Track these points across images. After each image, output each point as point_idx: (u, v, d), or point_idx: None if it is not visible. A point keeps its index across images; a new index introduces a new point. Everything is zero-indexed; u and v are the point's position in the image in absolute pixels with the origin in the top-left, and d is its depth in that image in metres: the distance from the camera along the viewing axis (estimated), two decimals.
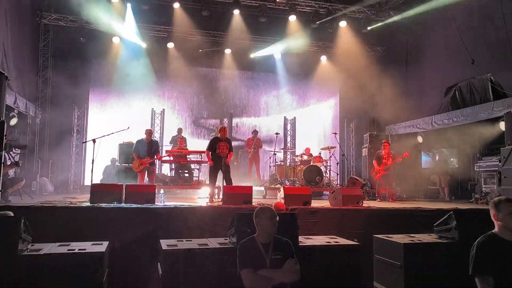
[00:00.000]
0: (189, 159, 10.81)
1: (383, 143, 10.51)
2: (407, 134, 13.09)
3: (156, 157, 9.34)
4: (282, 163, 12.35)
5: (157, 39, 13.97)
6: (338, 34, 14.29)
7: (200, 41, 14.05)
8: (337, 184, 11.89)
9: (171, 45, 13.99)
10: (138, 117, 13.38)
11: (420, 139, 12.65)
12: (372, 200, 10.09)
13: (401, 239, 4.62)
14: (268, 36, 14.48)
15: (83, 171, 13.03)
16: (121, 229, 5.69)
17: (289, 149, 14.24)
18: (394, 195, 10.26)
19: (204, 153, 9.23)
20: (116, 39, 13.44)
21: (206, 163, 9.56)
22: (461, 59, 10.57)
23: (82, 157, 13.10)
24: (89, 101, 13.74)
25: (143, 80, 13.65)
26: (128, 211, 6.09)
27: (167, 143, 12.93)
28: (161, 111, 14.04)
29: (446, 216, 4.68)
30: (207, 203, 7.67)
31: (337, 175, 12.41)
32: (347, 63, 14.57)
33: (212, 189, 8.37)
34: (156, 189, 7.03)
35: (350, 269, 4.42)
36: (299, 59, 14.82)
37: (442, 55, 11.95)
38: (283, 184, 10.70)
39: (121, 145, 11.10)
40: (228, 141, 8.60)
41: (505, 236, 3.22)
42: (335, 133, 12.58)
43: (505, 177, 8.29)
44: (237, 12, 13.42)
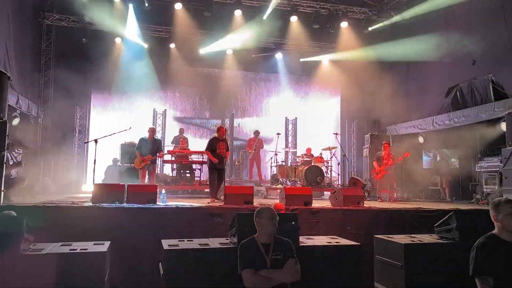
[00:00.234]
0: (190, 160, 10.83)
1: (383, 144, 10.51)
2: (408, 134, 13.09)
3: (158, 155, 9.36)
4: (283, 163, 12.37)
5: (159, 39, 14.01)
6: (339, 34, 14.31)
7: (201, 41, 14.07)
8: (338, 184, 11.89)
9: (172, 46, 14.03)
10: (140, 118, 13.41)
11: (421, 139, 12.65)
12: (373, 200, 10.09)
13: (401, 239, 4.62)
14: (269, 36, 14.51)
15: (85, 171, 13.08)
16: (122, 229, 5.71)
17: (290, 149, 14.25)
18: (395, 196, 10.26)
19: (204, 153, 9.26)
20: (118, 40, 13.51)
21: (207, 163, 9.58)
22: (462, 59, 10.56)
23: (84, 157, 13.15)
24: (91, 101, 13.81)
25: (145, 80, 13.68)
26: (129, 211, 6.12)
27: (169, 143, 12.96)
28: (163, 111, 14.06)
29: (446, 216, 4.68)
30: (208, 203, 7.69)
31: (338, 175, 12.41)
32: (348, 63, 14.59)
33: (212, 189, 8.40)
34: (157, 189, 7.05)
35: (350, 269, 4.42)
36: (301, 60, 14.85)
37: (443, 56, 11.91)
38: (284, 184, 10.72)
39: (123, 145, 11.14)
40: (225, 141, 8.74)
41: (505, 237, 3.22)
42: (336, 133, 12.57)
43: (506, 177, 8.29)
44: (238, 12, 13.45)
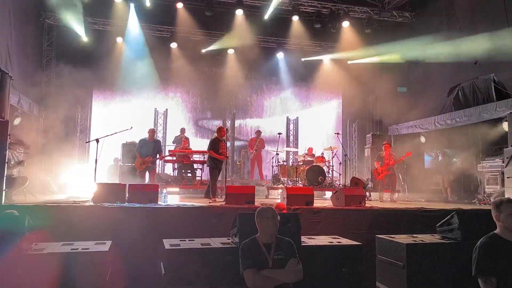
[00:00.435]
0: (192, 159, 10.83)
1: (383, 144, 10.51)
2: (410, 134, 13.06)
3: (158, 157, 9.37)
4: (284, 163, 12.35)
5: (160, 39, 14.00)
6: (341, 34, 14.29)
7: (203, 41, 14.07)
8: (339, 184, 11.87)
9: (174, 45, 14.02)
10: (141, 117, 13.42)
11: (423, 139, 12.62)
12: (374, 200, 10.08)
13: (403, 239, 4.61)
14: (271, 36, 14.50)
15: (86, 171, 13.06)
16: (124, 229, 5.71)
17: (291, 149, 14.23)
18: (396, 196, 10.25)
19: (206, 153, 9.28)
20: (119, 39, 13.50)
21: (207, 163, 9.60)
22: (464, 59, 10.53)
23: (85, 157, 13.14)
24: (93, 101, 13.81)
25: (146, 80, 13.70)
26: (131, 210, 6.12)
27: (170, 143, 12.96)
28: (164, 111, 14.06)
29: (449, 216, 4.67)
30: (210, 202, 7.69)
31: (340, 175, 12.40)
32: (349, 63, 14.56)
33: (214, 189, 8.41)
34: (159, 189, 7.05)
35: (352, 269, 4.41)
36: (302, 59, 14.84)
37: (445, 55, 11.89)
38: (285, 184, 10.71)
39: (124, 145, 11.14)
40: (225, 141, 8.86)
41: (507, 236, 3.21)
42: (338, 133, 12.55)
43: (508, 177, 8.28)
44: (240, 12, 13.44)
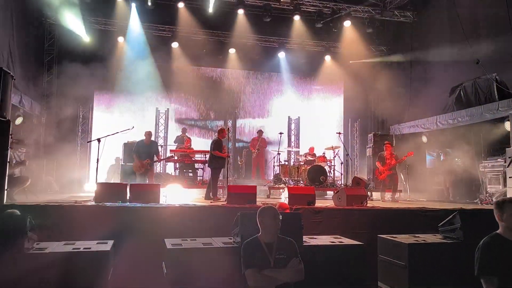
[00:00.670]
0: (193, 159, 10.83)
1: (385, 144, 10.50)
2: (411, 134, 13.04)
3: (156, 159, 9.39)
4: (286, 163, 12.35)
5: (162, 39, 14.00)
6: (342, 33, 14.28)
7: (204, 41, 14.07)
8: (341, 184, 11.86)
9: (175, 45, 14.02)
10: (142, 117, 13.43)
11: (424, 139, 12.59)
12: (376, 200, 10.07)
13: (405, 239, 4.61)
14: (272, 35, 14.49)
15: (88, 170, 13.09)
16: (125, 228, 5.70)
17: (293, 149, 14.23)
18: (398, 195, 10.23)
19: (207, 152, 9.30)
20: (120, 39, 13.50)
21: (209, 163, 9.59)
22: (466, 58, 10.51)
23: (87, 156, 13.16)
24: (94, 100, 13.83)
25: (148, 79, 13.68)
26: (132, 210, 6.12)
27: (171, 143, 12.96)
28: (166, 111, 14.07)
29: (451, 216, 4.67)
30: (211, 202, 7.69)
31: (341, 175, 12.39)
32: (351, 62, 14.55)
33: (216, 189, 8.42)
34: (160, 189, 7.05)
35: (354, 269, 4.41)
36: (304, 59, 14.83)
37: (446, 55, 11.88)
38: (287, 183, 10.70)
39: (125, 145, 11.13)
40: (225, 142, 8.84)
41: (509, 236, 3.21)
42: (339, 132, 12.53)
43: (510, 177, 8.26)
44: (241, 11, 13.43)
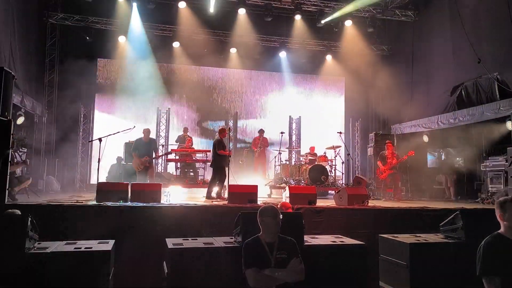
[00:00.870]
0: (195, 158, 10.84)
1: (386, 143, 10.50)
2: (413, 133, 13.01)
3: (154, 156, 9.41)
4: (287, 162, 12.33)
5: (163, 38, 13.99)
6: (343, 33, 14.26)
7: (205, 41, 14.07)
8: (342, 183, 11.85)
9: (176, 45, 14.02)
10: (143, 116, 13.43)
11: (426, 138, 12.57)
12: (377, 199, 10.06)
13: (407, 238, 4.60)
14: (273, 35, 14.49)
15: (89, 170, 13.12)
16: (127, 228, 5.72)
17: (294, 148, 14.21)
18: (399, 195, 10.22)
19: (209, 152, 9.32)
20: (122, 39, 13.51)
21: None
22: (468, 58, 10.49)
23: (88, 156, 13.17)
24: (95, 100, 13.83)
25: (149, 79, 13.69)
26: (134, 209, 6.13)
27: (173, 142, 12.96)
28: (167, 110, 14.06)
29: (452, 216, 4.65)
30: (213, 201, 7.70)
31: (342, 174, 12.36)
32: (352, 62, 14.54)
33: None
34: (161, 188, 7.05)
35: (355, 268, 4.40)
36: (305, 58, 14.82)
37: (448, 54, 11.86)
38: (288, 183, 10.70)
39: (127, 144, 11.13)
40: (226, 141, 8.85)
41: (511, 236, 3.20)
42: (340, 132, 12.50)
43: (511, 176, 8.24)
44: (242, 11, 13.43)
